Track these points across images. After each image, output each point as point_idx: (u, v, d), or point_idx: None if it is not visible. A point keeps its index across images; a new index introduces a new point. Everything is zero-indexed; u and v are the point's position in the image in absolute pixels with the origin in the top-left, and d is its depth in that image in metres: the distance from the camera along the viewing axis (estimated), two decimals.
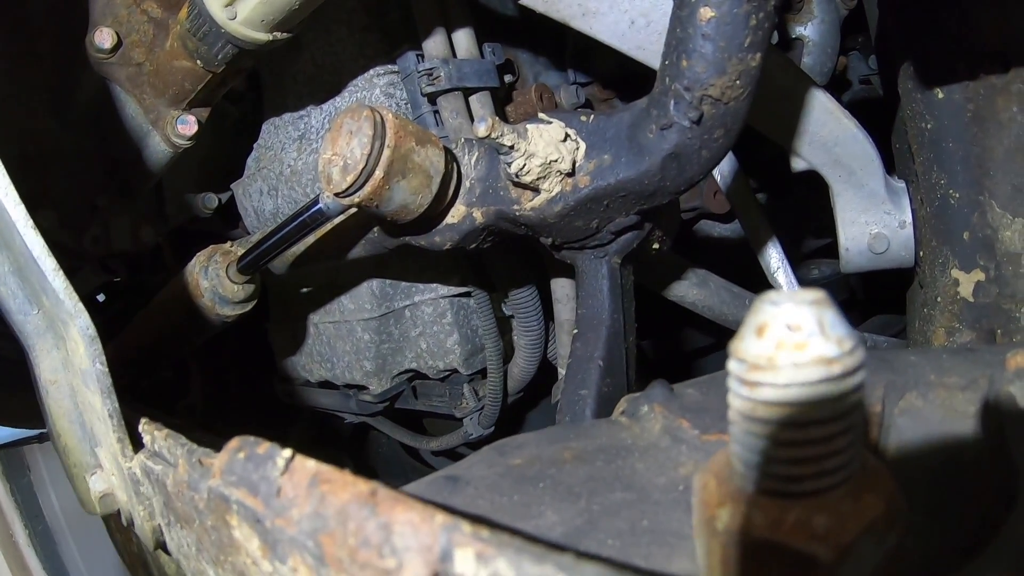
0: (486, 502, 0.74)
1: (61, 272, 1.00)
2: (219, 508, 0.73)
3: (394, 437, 2.06)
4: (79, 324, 1.01)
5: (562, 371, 1.63)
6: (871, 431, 0.71)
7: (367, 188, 1.05)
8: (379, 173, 1.04)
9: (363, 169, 1.04)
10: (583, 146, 1.11)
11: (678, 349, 2.36)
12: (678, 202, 1.29)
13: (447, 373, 1.77)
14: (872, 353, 0.80)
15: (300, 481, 0.62)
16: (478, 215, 1.19)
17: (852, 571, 0.46)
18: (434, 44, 1.58)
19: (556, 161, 1.08)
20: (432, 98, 1.56)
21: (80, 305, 1.00)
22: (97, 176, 1.87)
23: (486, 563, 0.49)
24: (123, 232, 1.96)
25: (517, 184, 1.12)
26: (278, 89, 1.82)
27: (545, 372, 1.80)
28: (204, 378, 2.58)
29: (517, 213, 1.14)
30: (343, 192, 1.07)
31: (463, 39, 1.62)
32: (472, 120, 1.57)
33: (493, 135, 1.02)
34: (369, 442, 2.71)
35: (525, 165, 1.06)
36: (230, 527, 0.73)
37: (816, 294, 0.43)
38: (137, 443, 1.10)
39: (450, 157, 1.16)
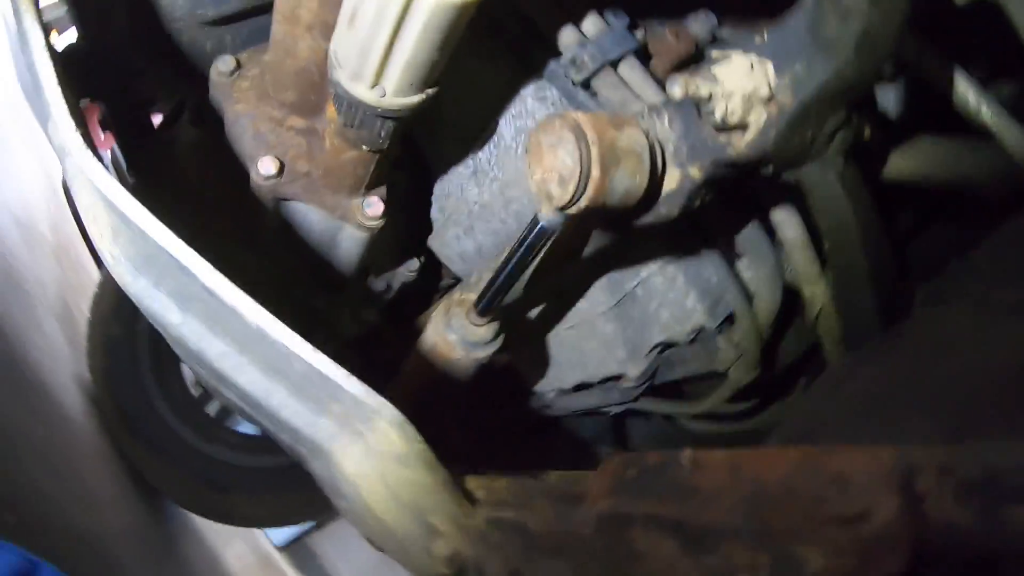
0: (853, 438, 0.74)
1: (354, 376, 1.05)
2: (614, 528, 0.76)
3: (663, 412, 2.07)
4: (387, 416, 1.06)
5: (807, 290, 1.61)
6: None
7: (591, 190, 1.07)
8: (596, 171, 1.06)
9: (581, 173, 1.05)
10: (770, 65, 1.09)
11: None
12: None
13: (695, 333, 1.77)
14: None
15: (717, 474, 0.63)
16: (695, 172, 1.18)
17: None
18: (563, 35, 1.59)
19: (755, 91, 1.06)
20: (585, 84, 1.56)
21: (382, 399, 1.06)
22: (307, 285, 1.97)
23: (950, 473, 0.49)
24: (347, 323, 2.06)
25: (723, 128, 1.12)
26: (434, 141, 1.85)
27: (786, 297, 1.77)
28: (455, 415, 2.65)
29: (734, 156, 1.13)
30: (568, 202, 1.09)
31: (587, 19, 1.62)
32: (630, 89, 1.56)
33: (690, 91, 1.02)
34: (628, 429, 2.72)
35: (728, 107, 1.06)
36: (630, 541, 0.75)
37: None
38: (471, 498, 1.15)
39: (646, 130, 1.17)
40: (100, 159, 1.52)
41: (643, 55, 1.71)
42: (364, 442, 1.23)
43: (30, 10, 1.29)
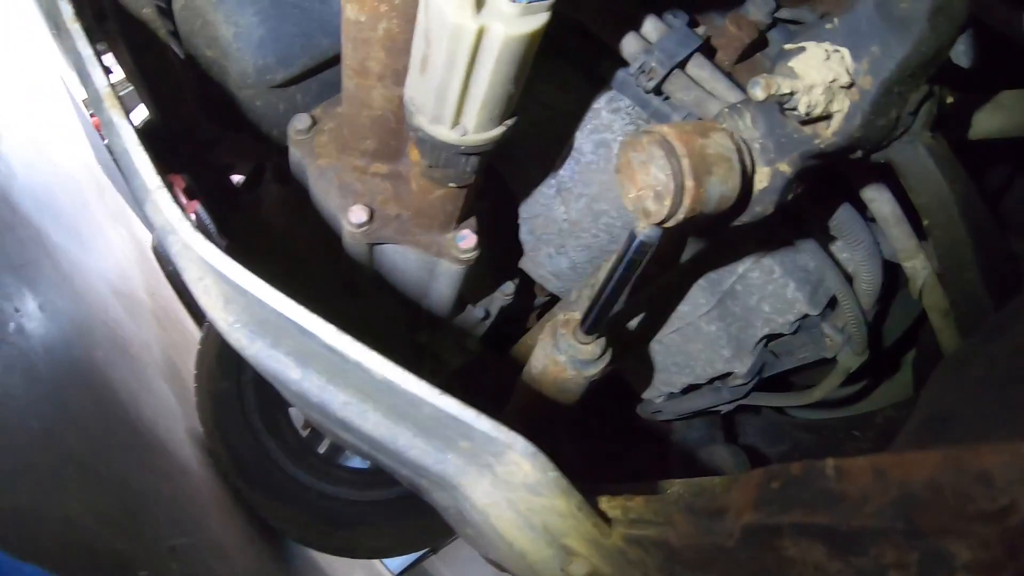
0: (985, 425, 0.74)
1: (483, 416, 1.07)
2: (761, 539, 0.77)
3: (775, 406, 2.06)
4: (519, 448, 1.08)
5: (907, 264, 1.58)
6: None
7: (687, 201, 1.07)
8: (690, 182, 1.06)
9: (675, 187, 1.06)
10: (846, 51, 1.09)
11: None
12: None
13: (799, 322, 1.75)
14: None
15: (861, 479, 0.64)
16: (784, 167, 1.18)
17: None
18: (626, 44, 1.60)
19: (835, 80, 1.06)
20: (656, 89, 1.57)
21: (513, 432, 1.08)
22: (409, 322, 2.02)
23: None
24: (452, 353, 2.11)
25: (808, 121, 1.11)
26: (512, 164, 1.88)
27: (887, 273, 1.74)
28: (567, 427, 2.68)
29: (822, 146, 1.13)
30: (666, 217, 1.10)
31: (647, 24, 1.62)
32: (702, 87, 1.56)
33: (772, 91, 1.02)
34: (738, 426, 2.71)
35: (811, 100, 1.06)
36: (779, 550, 0.75)
37: None
38: (606, 518, 1.16)
39: (731, 132, 1.17)
40: (208, 235, 1.57)
41: (707, 49, 1.71)
42: (492, 473, 1.26)
43: (115, 105, 1.34)
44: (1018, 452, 0.55)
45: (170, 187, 1.39)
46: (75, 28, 1.42)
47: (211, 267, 1.20)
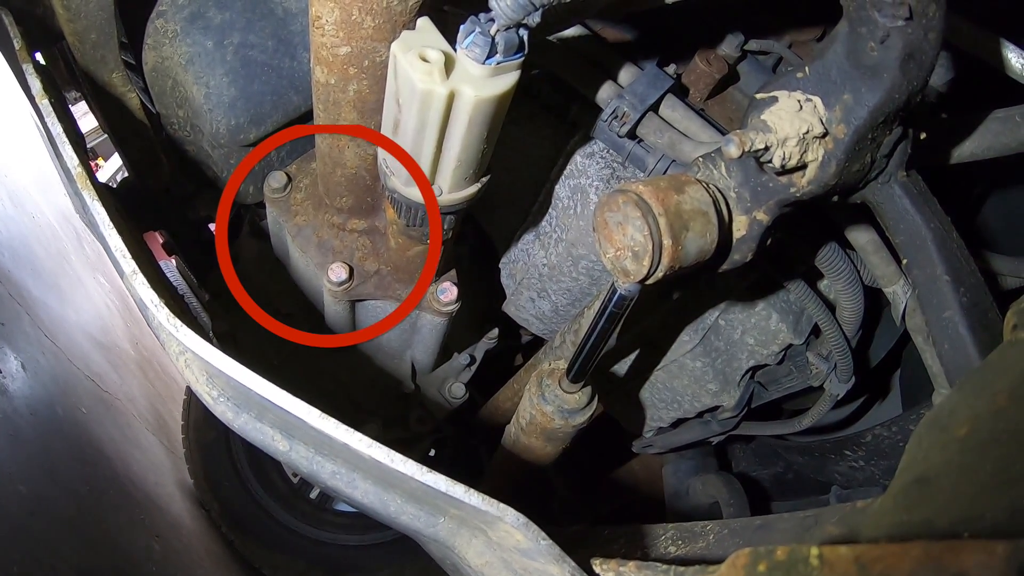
0: (968, 490, 0.73)
1: (472, 491, 1.06)
2: None
3: (766, 434, 2.05)
4: (509, 520, 1.06)
5: (888, 289, 1.58)
6: None
7: (665, 260, 1.07)
8: (667, 241, 1.06)
9: (653, 247, 1.05)
10: (818, 100, 1.09)
11: None
12: None
13: (783, 352, 1.76)
14: None
15: (843, 569, 0.63)
16: (761, 216, 1.18)
17: None
18: (601, 90, 1.60)
19: (808, 131, 1.06)
20: (630, 133, 1.56)
21: (503, 505, 1.06)
22: (395, 375, 2.02)
23: None
24: (440, 402, 2.10)
25: (783, 172, 1.11)
26: (490, 212, 1.88)
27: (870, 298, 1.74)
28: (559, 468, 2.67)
29: (798, 195, 1.13)
30: (646, 276, 1.09)
31: (617, 67, 1.63)
32: (675, 128, 1.56)
33: (746, 148, 1.02)
34: (730, 454, 2.71)
35: (785, 153, 1.05)
36: None
37: None
38: None
39: (706, 184, 1.16)
40: (190, 313, 1.55)
41: (679, 88, 1.71)
42: (485, 535, 1.24)
43: (88, 186, 1.31)
44: (993, 551, 0.56)
45: (150, 263, 1.37)
46: (44, 104, 1.40)
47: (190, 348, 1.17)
